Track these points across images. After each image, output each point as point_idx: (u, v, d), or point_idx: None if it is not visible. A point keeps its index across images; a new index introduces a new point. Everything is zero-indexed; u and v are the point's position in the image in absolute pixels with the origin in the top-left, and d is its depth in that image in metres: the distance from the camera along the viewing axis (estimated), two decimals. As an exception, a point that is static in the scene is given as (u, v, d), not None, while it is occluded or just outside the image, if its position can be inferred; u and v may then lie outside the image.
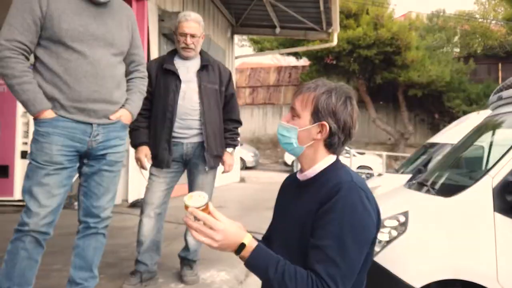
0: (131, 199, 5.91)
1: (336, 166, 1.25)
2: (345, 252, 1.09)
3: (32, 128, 2.10)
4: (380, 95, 17.76)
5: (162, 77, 2.53)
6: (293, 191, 1.33)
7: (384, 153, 11.30)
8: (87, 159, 1.93)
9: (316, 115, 1.22)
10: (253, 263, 1.12)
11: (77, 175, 2.00)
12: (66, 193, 1.87)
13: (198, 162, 2.58)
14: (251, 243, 1.12)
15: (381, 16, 14.50)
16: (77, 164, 1.92)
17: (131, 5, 5.82)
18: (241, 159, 12.37)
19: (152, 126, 2.55)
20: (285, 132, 1.26)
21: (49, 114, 1.76)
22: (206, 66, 2.61)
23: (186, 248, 2.66)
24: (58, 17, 1.75)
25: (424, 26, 17.05)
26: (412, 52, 14.63)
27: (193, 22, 2.55)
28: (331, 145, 1.24)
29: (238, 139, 2.80)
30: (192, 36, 2.54)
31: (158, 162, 2.52)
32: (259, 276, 1.13)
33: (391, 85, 16.76)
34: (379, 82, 15.94)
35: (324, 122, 1.21)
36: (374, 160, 14.06)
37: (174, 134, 2.53)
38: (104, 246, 2.09)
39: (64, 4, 1.78)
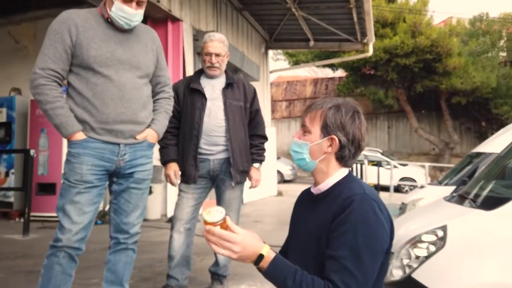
0: (169, 214, 6.06)
1: (349, 179, 1.30)
2: (359, 261, 1.12)
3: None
4: (421, 103, 17.22)
5: (189, 96, 2.64)
6: (307, 205, 1.36)
7: (427, 164, 10.88)
8: (116, 177, 2.04)
9: (326, 130, 1.27)
10: (271, 273, 1.15)
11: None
12: (97, 210, 1.97)
13: (225, 178, 2.63)
14: (269, 254, 1.16)
15: (419, 23, 14.16)
16: (107, 183, 2.03)
17: (167, 26, 6.11)
18: (279, 172, 12.35)
19: (180, 143, 2.64)
20: (297, 148, 1.31)
21: (80, 136, 1.89)
22: (231, 84, 2.69)
23: (216, 263, 2.71)
24: (87, 45, 1.88)
25: (466, 31, 16.42)
26: (453, 58, 14.12)
27: (217, 42, 2.66)
28: (342, 157, 1.28)
29: (264, 154, 2.83)
30: (217, 55, 2.64)
31: (186, 178, 2.61)
32: (277, 286, 1.16)
33: (432, 93, 16.23)
34: (420, 91, 15.48)
35: (334, 136, 1.26)
36: (417, 171, 13.54)
37: (201, 151, 2.60)
38: (134, 261, 2.17)
39: (93, 33, 1.91)
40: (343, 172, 1.30)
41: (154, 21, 6.04)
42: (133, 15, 1.91)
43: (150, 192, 5.90)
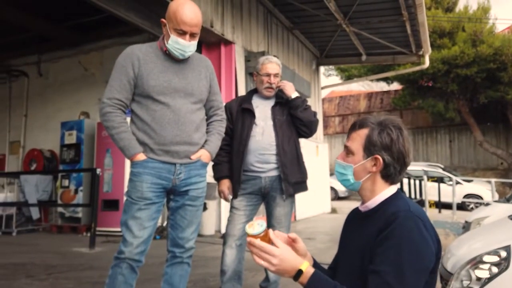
0: (223, 230, 6.21)
1: (396, 196, 1.31)
2: (402, 278, 1.12)
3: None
4: (486, 115, 16.17)
5: (241, 115, 2.77)
6: (355, 223, 1.39)
7: (493, 180, 10.18)
8: (173, 195, 2.19)
9: (369, 150, 1.29)
10: (314, 285, 1.17)
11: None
12: (156, 226, 2.13)
13: (276, 195, 2.70)
14: (308, 270, 1.19)
15: (480, 32, 13.44)
16: (164, 200, 2.18)
17: (220, 50, 6.39)
18: (332, 189, 12.17)
19: (231, 160, 2.76)
20: (341, 170, 1.34)
21: (141, 156, 2.07)
22: (280, 102, 2.78)
23: (267, 279, 2.76)
24: (147, 76, 2.08)
25: (533, 37, 15.32)
26: (520, 67, 13.20)
27: (275, 64, 2.81)
28: (388, 175, 1.30)
29: (308, 106, 2.86)
30: (275, 76, 2.76)
31: (233, 193, 2.73)
32: None
33: (498, 104, 15.21)
34: (484, 102, 14.57)
35: (377, 156, 1.28)
36: (483, 188, 12.66)
37: (253, 168, 2.71)
38: (189, 275, 2.29)
39: (152, 65, 2.11)
40: (391, 190, 1.31)
41: (208, 45, 6.35)
42: (187, 46, 2.07)
43: (205, 208, 6.09)
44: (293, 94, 2.78)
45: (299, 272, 1.19)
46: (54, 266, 4.07)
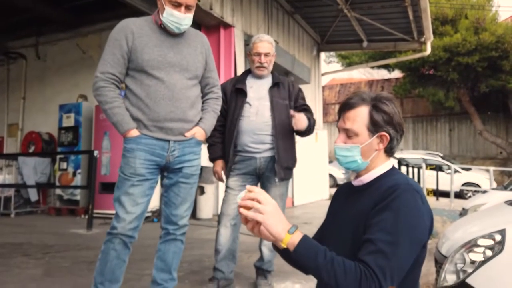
0: (220, 214, 6.22)
1: (393, 171, 1.31)
2: (396, 247, 1.11)
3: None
4: (486, 104, 16.12)
5: (234, 95, 2.74)
6: (347, 196, 1.38)
7: (492, 168, 10.18)
8: (167, 172, 2.18)
9: (374, 127, 1.27)
10: (301, 250, 1.12)
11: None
12: (149, 202, 2.12)
13: (270, 176, 2.69)
14: (298, 232, 1.15)
15: (483, 19, 13.30)
16: (158, 177, 2.17)
17: (219, 33, 6.32)
18: (331, 176, 12.19)
19: (225, 140, 2.75)
20: (346, 153, 1.30)
21: (134, 132, 2.05)
22: (277, 84, 2.75)
23: (261, 258, 2.77)
24: (141, 50, 2.04)
25: (537, 25, 15.17)
26: (522, 55, 13.11)
27: (266, 43, 2.74)
28: (391, 148, 1.31)
29: (312, 119, 2.80)
30: (266, 55, 2.72)
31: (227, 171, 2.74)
32: (307, 263, 1.12)
33: (499, 93, 15.15)
34: (485, 91, 14.51)
35: (383, 132, 1.27)
36: (482, 176, 12.68)
37: (247, 149, 2.69)
38: (185, 256, 2.29)
39: (147, 39, 2.07)
40: (388, 165, 1.31)
41: (207, 28, 6.28)
42: (182, 19, 2.03)
43: (203, 192, 6.11)
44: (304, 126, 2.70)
45: (292, 230, 1.13)
46: (51, 246, 4.09)
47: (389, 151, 1.31)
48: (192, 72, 2.16)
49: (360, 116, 1.27)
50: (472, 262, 2.30)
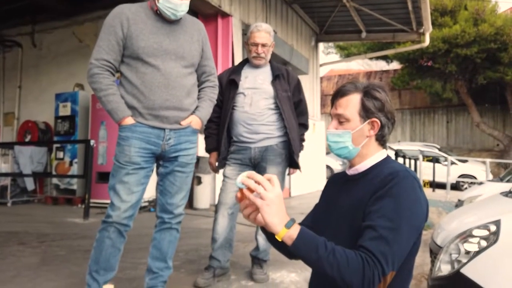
0: (217, 204, 6.22)
1: (388, 160, 1.32)
2: (397, 233, 1.11)
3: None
4: (484, 96, 16.12)
5: (228, 86, 2.73)
6: (341, 185, 1.37)
7: (488, 160, 10.21)
8: (162, 160, 2.16)
9: (365, 114, 1.28)
10: (303, 241, 1.10)
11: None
12: (144, 191, 2.11)
13: (266, 166, 2.68)
14: (296, 224, 1.13)
15: (482, 10, 13.23)
16: (153, 165, 2.16)
17: (217, 22, 6.26)
18: (328, 167, 12.20)
19: (219, 131, 2.74)
20: (337, 138, 1.30)
21: (129, 120, 2.03)
22: (280, 75, 2.73)
23: (257, 247, 2.78)
24: (136, 37, 2.01)
25: (537, 17, 15.10)
26: (521, 47, 13.07)
27: (264, 32, 2.70)
28: (383, 136, 1.31)
29: (304, 144, 2.87)
30: (263, 45, 2.69)
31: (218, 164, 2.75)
32: (308, 256, 1.11)
33: (497, 85, 15.14)
34: (482, 83, 14.49)
35: (374, 119, 1.27)
36: (478, 168, 12.75)
37: (242, 139, 2.69)
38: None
39: (142, 25, 2.04)
40: (382, 154, 1.32)
41: (205, 17, 6.21)
42: (179, 5, 2.00)
43: (200, 182, 6.11)
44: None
45: (289, 224, 1.11)
46: (47, 235, 4.09)
47: (380, 139, 1.31)
48: (188, 60, 2.14)
49: (352, 102, 1.28)
50: (467, 252, 2.31)
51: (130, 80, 2.05)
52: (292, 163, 2.78)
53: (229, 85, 2.73)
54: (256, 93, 2.68)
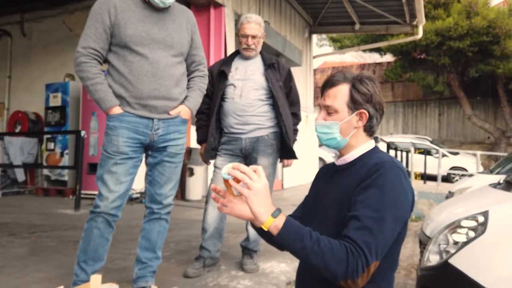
0: (209, 195, 6.21)
1: (375, 150, 1.32)
2: (381, 223, 1.12)
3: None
4: (476, 89, 16.25)
5: (219, 78, 2.72)
6: (330, 176, 1.38)
7: (479, 152, 10.31)
8: (151, 150, 2.15)
9: (354, 105, 1.28)
10: (288, 231, 1.11)
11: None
12: (133, 181, 2.10)
13: (257, 157, 2.68)
14: (282, 214, 1.14)
15: (475, 3, 13.26)
16: (142, 155, 2.14)
17: (209, 12, 6.20)
18: (321, 159, 12.23)
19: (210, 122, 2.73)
20: (325, 129, 1.31)
21: (117, 110, 2.00)
22: (272, 64, 2.71)
23: (247, 238, 2.78)
24: (124, 25, 1.98)
25: (529, 11, 15.17)
26: (513, 40, 13.15)
27: (254, 24, 2.68)
28: (371, 127, 1.31)
29: (297, 134, 2.86)
30: (253, 37, 2.67)
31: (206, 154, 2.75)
32: (293, 246, 1.11)
33: (489, 78, 15.25)
34: (474, 76, 14.59)
35: (363, 110, 1.28)
36: (469, 160, 12.87)
37: (232, 130, 2.68)
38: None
39: (130, 13, 2.01)
40: (370, 144, 1.32)
41: (197, 7, 6.15)
42: None
43: (192, 173, 6.09)
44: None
45: (275, 213, 1.12)
46: (37, 226, 4.06)
47: (368, 130, 1.31)
48: (177, 49, 2.11)
49: (340, 93, 1.28)
50: (455, 243, 2.33)
51: (118, 69, 2.02)
52: (286, 152, 2.76)
53: (219, 76, 2.72)
54: (246, 84, 2.66)
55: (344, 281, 1.09)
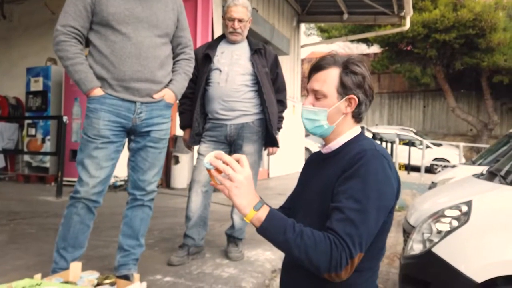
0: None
1: (360, 137, 1.27)
2: (364, 214, 1.09)
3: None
4: (460, 82, 16.45)
5: (203, 61, 2.64)
6: (316, 164, 1.34)
7: (461, 144, 10.47)
8: (134, 135, 2.08)
9: (343, 90, 1.22)
10: (271, 223, 1.09)
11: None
12: (114, 166, 2.03)
13: (242, 143, 2.63)
14: (265, 206, 1.12)
15: (462, -5, 13.35)
16: (124, 140, 2.07)
17: (196, -2, 6.08)
18: (307, 149, 12.26)
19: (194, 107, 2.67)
20: (312, 116, 1.25)
21: (98, 92, 1.92)
22: (258, 50, 2.65)
23: (232, 226, 2.75)
24: (106, 2, 1.90)
25: (514, 4, 15.35)
26: (498, 34, 13.30)
27: (241, 7, 2.61)
28: (359, 114, 1.26)
29: (283, 122, 2.82)
30: (240, 20, 2.60)
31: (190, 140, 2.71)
32: (276, 238, 1.10)
33: (473, 71, 15.43)
34: (459, 68, 14.75)
35: (352, 95, 1.22)
36: (452, 152, 13.09)
37: (217, 116, 2.62)
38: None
39: None
40: (356, 130, 1.27)
41: (184, -9, 6.02)
42: None
43: (177, 162, 6.02)
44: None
45: (258, 206, 1.10)
46: (18, 213, 3.96)
47: (357, 116, 1.26)
48: (162, 30, 2.04)
49: (330, 77, 1.22)
50: (439, 232, 2.35)
51: (99, 49, 1.94)
52: (270, 140, 2.73)
53: (204, 60, 2.65)
54: (233, 69, 2.60)
55: (328, 274, 1.07)
